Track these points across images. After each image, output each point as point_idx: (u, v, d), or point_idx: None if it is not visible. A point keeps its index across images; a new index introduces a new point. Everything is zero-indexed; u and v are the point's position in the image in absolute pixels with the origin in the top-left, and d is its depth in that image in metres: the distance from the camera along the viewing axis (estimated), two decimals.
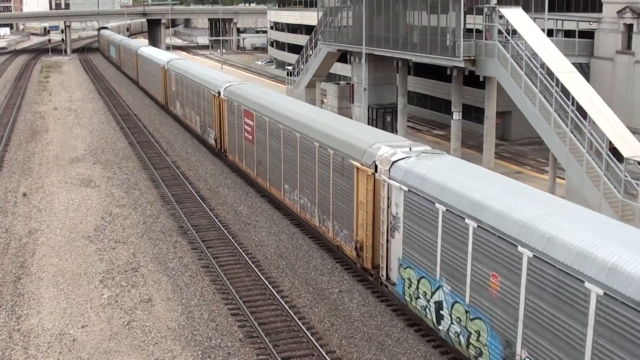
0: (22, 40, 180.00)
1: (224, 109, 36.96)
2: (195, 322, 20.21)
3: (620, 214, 25.87)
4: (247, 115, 32.99)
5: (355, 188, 21.91)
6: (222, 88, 37.60)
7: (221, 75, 43.92)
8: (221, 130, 38.04)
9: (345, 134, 23.88)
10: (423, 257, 18.45)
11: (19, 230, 28.46)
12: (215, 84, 39.40)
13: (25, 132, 50.35)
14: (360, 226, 21.81)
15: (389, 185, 19.94)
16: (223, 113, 37.31)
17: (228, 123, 36.54)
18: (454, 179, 17.80)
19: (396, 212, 19.65)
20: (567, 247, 13.57)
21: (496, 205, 15.80)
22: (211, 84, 40.15)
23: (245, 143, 33.79)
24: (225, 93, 36.99)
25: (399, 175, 19.55)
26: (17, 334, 19.68)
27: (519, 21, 33.56)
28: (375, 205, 20.84)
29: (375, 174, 20.69)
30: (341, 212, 23.41)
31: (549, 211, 15.00)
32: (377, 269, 21.19)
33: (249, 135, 32.93)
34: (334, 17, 50.18)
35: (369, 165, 21.05)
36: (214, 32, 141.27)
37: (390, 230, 20.14)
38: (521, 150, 42.31)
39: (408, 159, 19.89)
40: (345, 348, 18.76)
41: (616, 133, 27.24)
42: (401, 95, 45.27)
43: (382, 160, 20.58)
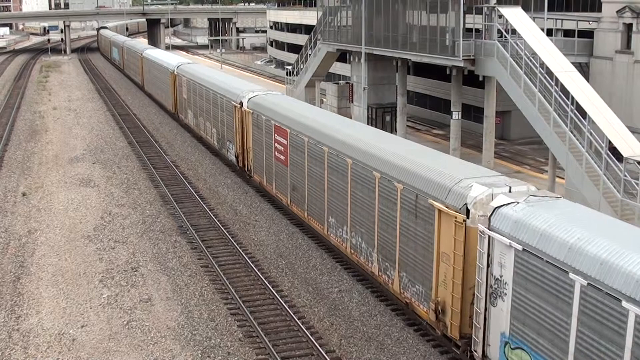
0: (22, 40, 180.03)
1: (248, 123, 32.79)
2: (194, 321, 20.21)
3: (619, 213, 25.87)
4: (279, 132, 28.78)
5: (436, 235, 17.73)
6: (245, 98, 33.40)
7: (242, 83, 38.97)
8: (244, 146, 33.89)
9: (420, 164, 19.49)
10: (545, 340, 14.15)
11: (19, 230, 28.45)
12: (236, 93, 34.99)
13: (25, 131, 50.34)
14: (442, 283, 17.73)
15: (491, 239, 15.62)
16: (247, 127, 33.13)
17: (253, 139, 32.33)
18: (593, 240, 13.41)
19: (501, 275, 15.46)
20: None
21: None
22: (232, 93, 35.78)
23: (275, 164, 29.61)
24: (249, 104, 32.79)
25: (506, 227, 15.25)
26: (17, 333, 19.67)
27: (519, 21, 33.56)
28: (467, 261, 16.74)
29: (468, 220, 16.56)
30: (413, 262, 19.18)
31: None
32: (466, 340, 17.13)
33: (281, 156, 28.75)
34: (334, 16, 50.18)
35: (458, 209, 16.87)
36: (214, 31, 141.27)
37: (490, 295, 15.94)
38: (521, 150, 42.32)
39: (516, 206, 15.51)
40: (344, 348, 18.76)
41: (615, 132, 27.24)
42: (400, 94, 45.27)
43: (478, 203, 16.49)
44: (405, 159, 20.18)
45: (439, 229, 17.63)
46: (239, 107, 33.86)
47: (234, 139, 35.20)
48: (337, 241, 23.95)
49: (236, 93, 34.96)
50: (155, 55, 63.61)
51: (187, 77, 46.96)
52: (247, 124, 33.00)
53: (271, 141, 29.84)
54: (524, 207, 15.37)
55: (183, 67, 50.06)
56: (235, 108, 34.38)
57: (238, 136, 34.39)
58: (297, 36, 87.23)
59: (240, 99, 33.76)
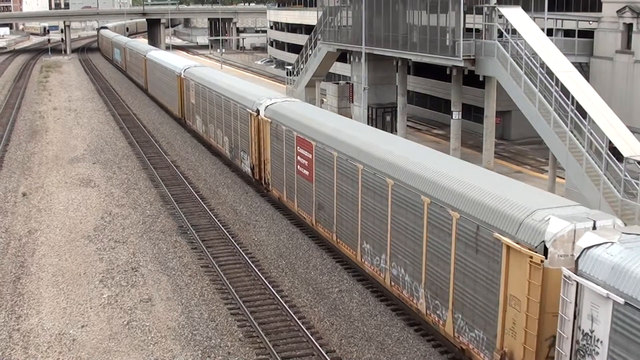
0: (22, 40, 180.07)
1: (266, 133, 30.56)
2: (195, 321, 20.21)
3: (619, 213, 25.86)
4: (303, 145, 26.53)
5: (504, 275, 15.28)
6: (262, 106, 31.21)
7: (258, 89, 36.62)
8: (261, 157, 31.71)
9: (481, 190, 16.76)
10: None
11: (19, 230, 28.45)
12: (252, 100, 32.60)
13: (25, 131, 50.34)
14: (509, 332, 15.29)
15: (580, 287, 13.23)
16: (264, 137, 30.85)
17: (271, 150, 30.16)
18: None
19: (591, 330, 13.07)
20: None
21: None
22: (247, 100, 33.42)
23: (298, 178, 27.32)
24: (267, 113, 30.57)
25: (601, 273, 12.76)
26: (17, 333, 19.67)
27: (519, 21, 33.55)
28: (543, 309, 14.44)
29: (545, 261, 14.21)
30: (471, 303, 16.69)
31: None
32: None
33: (305, 170, 26.51)
34: (334, 16, 50.17)
35: (534, 247, 14.43)
36: (214, 31, 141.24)
37: (576, 353, 13.62)
38: (521, 150, 42.31)
39: (610, 247, 13.01)
40: (345, 348, 18.76)
41: (616, 132, 27.23)
42: (401, 94, 45.26)
43: (558, 241, 14.15)
44: (462, 182, 17.49)
45: (506, 268, 15.13)
46: (255, 115, 31.55)
47: (249, 149, 32.78)
48: (373, 270, 21.45)
49: (252, 100, 32.58)
50: (159, 57, 60.85)
51: (195, 81, 44.38)
52: (265, 134, 30.70)
53: (293, 154, 27.50)
54: (621, 249, 12.88)
55: (190, 70, 47.46)
56: (251, 116, 32.03)
57: (254, 146, 32.09)
58: (297, 36, 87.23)
59: (257, 107, 31.51)
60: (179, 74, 49.13)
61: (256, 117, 31.48)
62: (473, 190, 16.87)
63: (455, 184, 17.59)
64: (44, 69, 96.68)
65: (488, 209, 15.95)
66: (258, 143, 31.72)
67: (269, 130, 30.15)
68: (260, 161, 31.81)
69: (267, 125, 30.37)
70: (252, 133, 32.22)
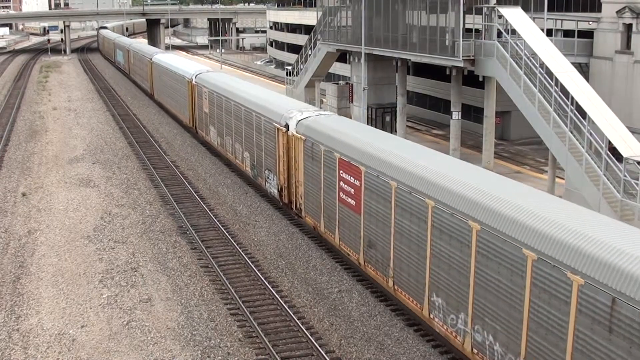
0: (22, 40, 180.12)
1: (298, 152, 26.92)
2: (194, 322, 20.21)
3: (619, 213, 25.88)
4: (347, 169, 22.66)
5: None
6: (292, 120, 27.52)
7: (285, 101, 32.86)
8: (291, 179, 28.06)
9: (611, 247, 13.02)
10: None
11: (18, 230, 28.45)
12: (279, 113, 28.96)
13: (25, 131, 50.34)
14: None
15: None
16: (296, 157, 27.20)
17: (305, 172, 26.44)
18: None
19: None
20: None
21: None
22: (273, 112, 29.66)
23: (340, 207, 23.40)
24: (299, 128, 26.79)
25: None
26: (17, 333, 19.67)
27: (518, 21, 33.58)
28: None
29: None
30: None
31: None
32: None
33: (350, 199, 22.55)
34: (333, 16, 50.19)
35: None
36: (213, 32, 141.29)
37: None
38: (520, 150, 42.32)
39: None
40: (344, 348, 18.76)
41: (615, 133, 27.26)
42: (400, 95, 45.28)
43: None
44: (587, 237, 13.50)
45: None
46: (284, 130, 27.86)
47: (277, 169, 29.11)
48: (446, 330, 17.69)
49: (279, 113, 28.94)
50: (167, 60, 56.33)
51: (209, 88, 40.39)
52: (297, 153, 26.98)
53: (334, 178, 23.71)
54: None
55: (203, 76, 43.35)
56: (279, 131, 28.36)
57: (282, 166, 28.44)
58: (297, 36, 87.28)
59: (286, 121, 27.90)
60: (189, 79, 45.35)
61: (285, 133, 27.75)
62: (603, 249, 12.95)
63: (578, 239, 13.60)
64: (44, 69, 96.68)
65: (631, 277, 12.18)
66: (287, 162, 28.03)
67: (302, 149, 26.28)
68: (290, 183, 28.11)
69: (299, 143, 26.51)
70: (280, 150, 28.62)
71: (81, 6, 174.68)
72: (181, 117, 49.42)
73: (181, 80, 47.84)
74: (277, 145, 28.84)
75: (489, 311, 15.81)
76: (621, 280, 12.32)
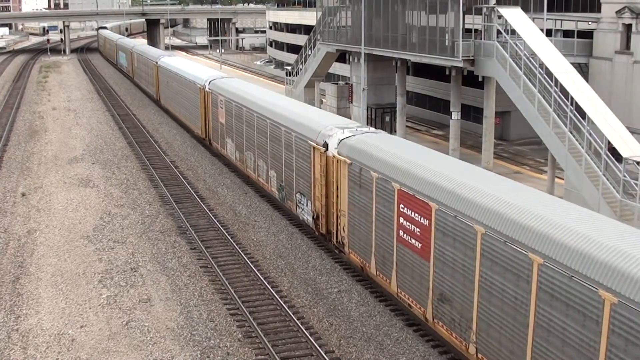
0: (21, 40, 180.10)
1: (341, 176, 22.84)
2: (194, 322, 20.21)
3: (619, 214, 25.89)
4: (411, 204, 18.59)
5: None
6: (332, 138, 23.62)
7: (320, 114, 29.15)
8: (330, 207, 24.15)
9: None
10: None
11: (18, 230, 28.44)
12: (315, 129, 25.18)
13: (24, 132, 50.33)
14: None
15: None
16: (338, 181, 23.20)
17: (350, 200, 22.28)
18: None
19: None
20: None
21: None
22: (307, 128, 25.88)
23: (400, 249, 19.36)
24: (342, 149, 22.76)
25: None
26: (16, 334, 19.66)
27: (518, 21, 33.59)
28: None
29: None
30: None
31: None
32: None
33: (415, 241, 18.60)
34: (333, 17, 50.20)
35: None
36: (213, 32, 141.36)
37: None
38: (520, 150, 42.34)
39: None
40: (344, 348, 18.76)
41: (615, 133, 27.27)
42: (400, 95, 45.29)
43: None
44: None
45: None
46: (322, 150, 24.10)
47: (311, 193, 25.48)
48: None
49: (316, 129, 25.17)
50: (175, 64, 52.03)
51: (225, 96, 36.55)
52: (339, 178, 23.11)
53: (390, 212, 19.73)
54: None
55: (218, 82, 39.43)
56: (316, 151, 24.67)
57: (319, 190, 24.67)
58: (297, 36, 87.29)
59: (324, 139, 24.13)
60: (202, 86, 41.17)
61: (323, 154, 23.98)
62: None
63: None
64: (43, 69, 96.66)
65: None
66: (326, 187, 24.26)
67: (347, 174, 22.37)
68: (329, 212, 24.39)
69: (342, 166, 22.68)
70: (316, 173, 24.87)
71: (81, 6, 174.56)
72: (192, 126, 45.54)
73: (192, 87, 43.96)
74: (313, 166, 25.05)
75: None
76: None
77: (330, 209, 24.14)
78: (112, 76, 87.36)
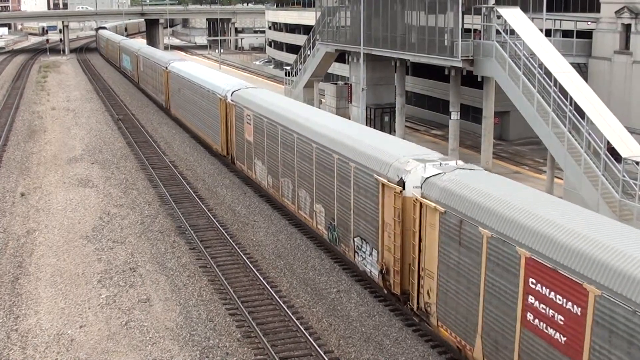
0: (20, 40, 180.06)
1: (428, 226, 17.95)
2: (193, 322, 20.21)
3: (618, 214, 25.89)
4: (549, 281, 13.81)
5: None
6: (410, 174, 18.80)
7: (389, 141, 23.15)
8: (406, 263, 19.29)
9: None
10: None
11: (17, 230, 28.43)
12: (385, 160, 20.19)
13: (23, 132, 50.30)
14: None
15: None
16: (422, 232, 18.27)
17: (442, 260, 17.41)
18: None
19: None
20: None
21: None
22: (374, 160, 20.70)
23: (528, 337, 14.51)
24: (429, 190, 17.93)
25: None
26: (15, 334, 19.66)
27: (517, 21, 33.58)
28: None
29: None
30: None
31: None
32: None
33: (557, 332, 13.75)
34: (332, 17, 50.20)
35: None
36: (212, 32, 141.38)
37: None
38: (519, 151, 42.35)
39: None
40: (343, 348, 18.76)
41: (614, 133, 27.27)
42: (399, 95, 45.29)
43: None
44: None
45: None
46: (396, 190, 19.01)
47: (378, 241, 20.44)
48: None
49: (385, 161, 20.15)
50: (188, 71, 47.35)
51: (254, 111, 31.69)
52: (424, 227, 18.14)
53: (512, 286, 14.81)
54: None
55: (243, 94, 34.63)
56: (385, 189, 19.70)
57: (391, 239, 19.74)
58: (296, 36, 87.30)
59: (399, 175, 19.15)
60: (222, 97, 36.41)
61: (399, 194, 18.91)
62: None
63: None
64: (43, 69, 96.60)
65: None
66: (402, 236, 19.24)
67: (437, 225, 17.48)
68: (404, 267, 19.44)
69: (430, 214, 17.73)
70: (385, 216, 19.96)
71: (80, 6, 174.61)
72: (209, 141, 40.78)
73: (210, 97, 39.20)
74: (381, 207, 20.12)
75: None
76: None
77: (408, 264, 19.21)
78: (111, 76, 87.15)
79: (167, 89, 53.80)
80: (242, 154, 34.03)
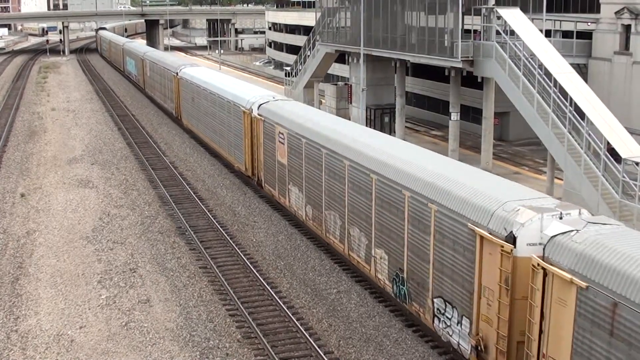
0: (20, 41, 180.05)
1: (556, 304, 13.57)
2: (193, 322, 20.21)
3: (618, 214, 25.89)
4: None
5: None
6: (523, 228, 14.62)
7: (479, 177, 18.39)
8: (534, 351, 14.27)
9: None
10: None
11: (17, 231, 28.43)
12: (482, 205, 16.04)
13: (23, 132, 50.30)
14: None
15: None
16: (551, 311, 13.76)
17: (576, 350, 13.11)
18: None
19: None
20: None
21: None
22: (472, 207, 16.30)
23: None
24: (559, 256, 13.46)
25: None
26: (15, 334, 19.66)
27: (517, 22, 33.58)
28: None
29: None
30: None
31: None
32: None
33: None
34: (332, 17, 50.22)
35: None
36: (212, 32, 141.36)
37: None
38: (519, 151, 42.34)
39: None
40: (343, 349, 18.76)
41: (614, 134, 27.27)
42: (399, 95, 45.29)
43: None
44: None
45: None
46: (506, 248, 14.87)
47: (472, 308, 16.32)
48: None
49: (483, 206, 16.04)
50: (203, 78, 43.09)
51: (288, 128, 27.58)
52: (548, 301, 13.74)
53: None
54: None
55: (272, 107, 30.51)
56: (486, 243, 15.63)
57: (492, 309, 15.59)
58: (296, 37, 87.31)
59: (506, 227, 15.12)
60: (247, 109, 32.30)
61: (509, 254, 14.81)
62: None
63: None
64: (43, 69, 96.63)
65: None
66: (510, 308, 15.15)
67: (573, 302, 13.13)
68: (512, 348, 15.34)
69: (561, 287, 13.37)
70: (483, 279, 15.92)
71: (80, 7, 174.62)
72: (230, 158, 36.60)
73: (231, 109, 35.09)
74: (478, 266, 16.00)
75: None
76: None
77: (516, 342, 15.15)
78: (112, 77, 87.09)
79: (177, 96, 49.74)
80: (273, 177, 29.69)
